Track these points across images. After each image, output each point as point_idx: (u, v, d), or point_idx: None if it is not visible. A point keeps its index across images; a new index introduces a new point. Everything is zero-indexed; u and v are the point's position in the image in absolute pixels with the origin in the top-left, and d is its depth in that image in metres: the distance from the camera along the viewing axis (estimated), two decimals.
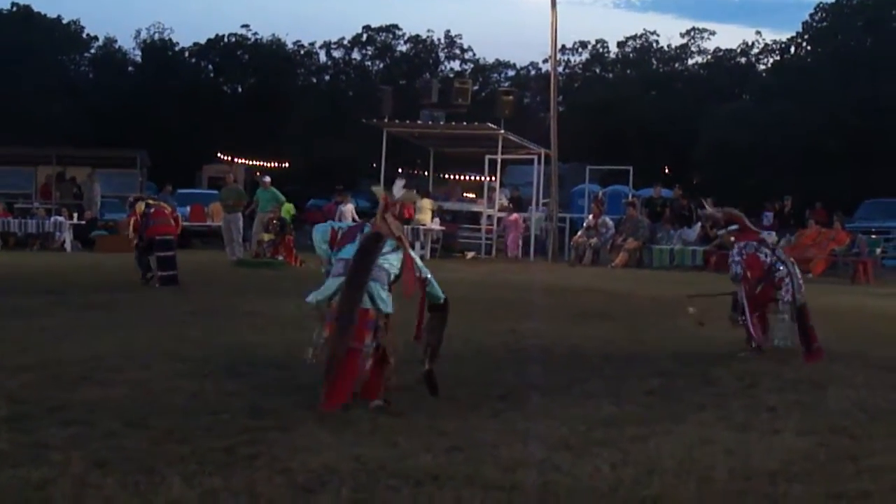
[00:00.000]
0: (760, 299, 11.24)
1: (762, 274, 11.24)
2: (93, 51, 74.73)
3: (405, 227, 28.27)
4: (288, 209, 25.98)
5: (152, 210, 18.56)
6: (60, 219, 31.31)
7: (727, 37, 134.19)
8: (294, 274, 21.66)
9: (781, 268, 11.33)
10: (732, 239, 11.76)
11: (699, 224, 28.16)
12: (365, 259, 7.84)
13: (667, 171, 56.99)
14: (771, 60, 69.82)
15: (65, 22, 71.79)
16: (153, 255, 18.34)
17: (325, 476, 5.70)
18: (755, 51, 72.17)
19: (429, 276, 8.23)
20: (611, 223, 30.13)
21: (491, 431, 6.90)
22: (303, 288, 8.92)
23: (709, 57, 74.34)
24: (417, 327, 8.19)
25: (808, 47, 62.94)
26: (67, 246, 30.42)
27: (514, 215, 32.11)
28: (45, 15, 69.33)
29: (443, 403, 7.79)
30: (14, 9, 68.25)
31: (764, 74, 68.55)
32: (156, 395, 7.89)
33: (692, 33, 75.37)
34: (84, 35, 73.64)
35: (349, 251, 7.92)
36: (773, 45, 69.98)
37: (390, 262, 7.95)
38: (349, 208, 31.36)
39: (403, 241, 8.20)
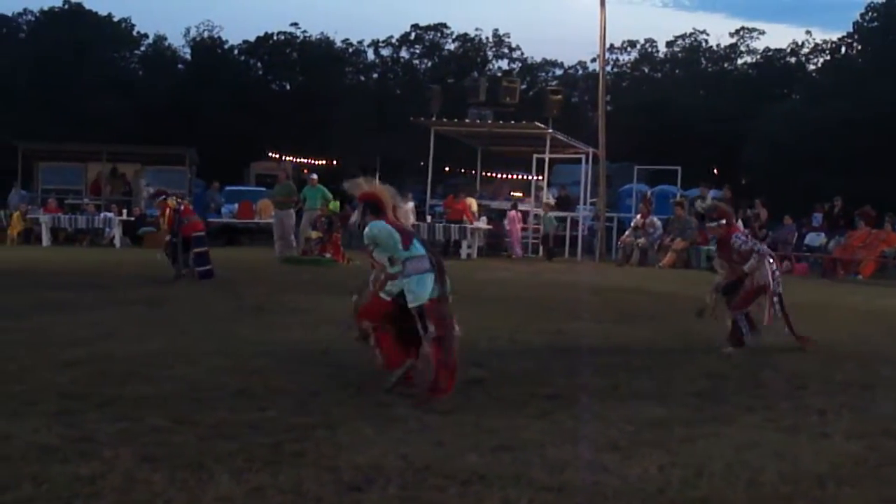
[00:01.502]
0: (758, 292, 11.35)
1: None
2: (143, 48, 75.20)
3: (454, 226, 28.58)
4: (335, 206, 25.97)
5: (182, 207, 18.69)
6: (110, 215, 31.55)
7: (777, 36, 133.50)
8: (341, 271, 21.69)
9: (772, 261, 11.46)
10: (717, 233, 11.73)
11: (741, 223, 28.09)
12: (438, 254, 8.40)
13: (715, 171, 56.62)
14: (821, 60, 69.32)
15: (115, 20, 72.27)
16: (190, 252, 18.49)
17: (371, 474, 5.70)
18: (805, 50, 71.68)
19: None
20: (658, 223, 29.95)
21: (538, 431, 6.88)
22: (350, 286, 9.02)
23: (758, 57, 73.84)
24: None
25: (859, 47, 62.39)
26: (116, 242, 30.63)
27: (513, 212, 31.64)
28: (96, 13, 69.90)
29: (490, 403, 7.79)
30: (66, 7, 68.82)
31: (814, 74, 68.09)
32: (203, 391, 7.93)
33: (742, 33, 74.98)
34: (134, 33, 74.13)
35: (419, 247, 8.13)
36: (824, 45, 69.51)
37: None
38: (410, 206, 31.39)
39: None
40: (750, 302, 11.33)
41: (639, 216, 30.17)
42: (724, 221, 11.71)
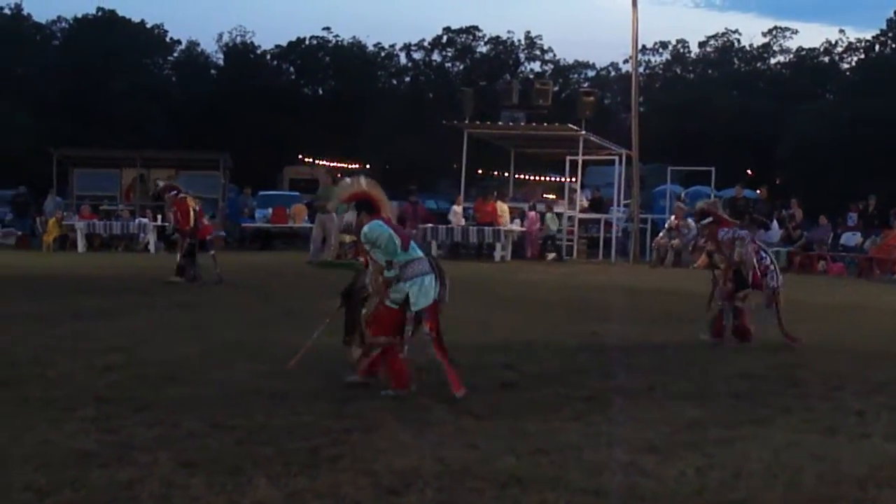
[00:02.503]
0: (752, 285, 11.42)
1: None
2: (176, 54, 75.38)
3: (487, 228, 28.58)
4: None
5: (197, 208, 18.74)
6: (144, 220, 31.65)
7: (810, 35, 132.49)
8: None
9: (765, 255, 11.49)
10: (706, 231, 11.75)
11: (776, 223, 28.17)
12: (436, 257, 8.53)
13: (749, 172, 56.41)
14: (855, 59, 68.91)
15: (148, 26, 72.42)
16: (208, 253, 18.65)
17: (409, 478, 5.70)
18: (838, 49, 71.22)
19: None
20: (693, 224, 29.72)
21: (574, 434, 6.87)
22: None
23: (791, 56, 73.54)
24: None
25: (893, 45, 62.02)
26: (151, 247, 30.70)
27: (532, 213, 31.61)
28: (129, 19, 69.98)
29: (525, 405, 7.78)
30: (99, 13, 69.11)
31: (847, 73, 67.72)
32: (239, 395, 7.96)
33: (774, 32, 74.66)
34: (167, 39, 74.33)
35: (416, 249, 8.32)
36: (857, 44, 69.07)
37: None
38: (461, 209, 31.38)
39: None
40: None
41: (673, 217, 30.04)
42: (711, 219, 11.74)
